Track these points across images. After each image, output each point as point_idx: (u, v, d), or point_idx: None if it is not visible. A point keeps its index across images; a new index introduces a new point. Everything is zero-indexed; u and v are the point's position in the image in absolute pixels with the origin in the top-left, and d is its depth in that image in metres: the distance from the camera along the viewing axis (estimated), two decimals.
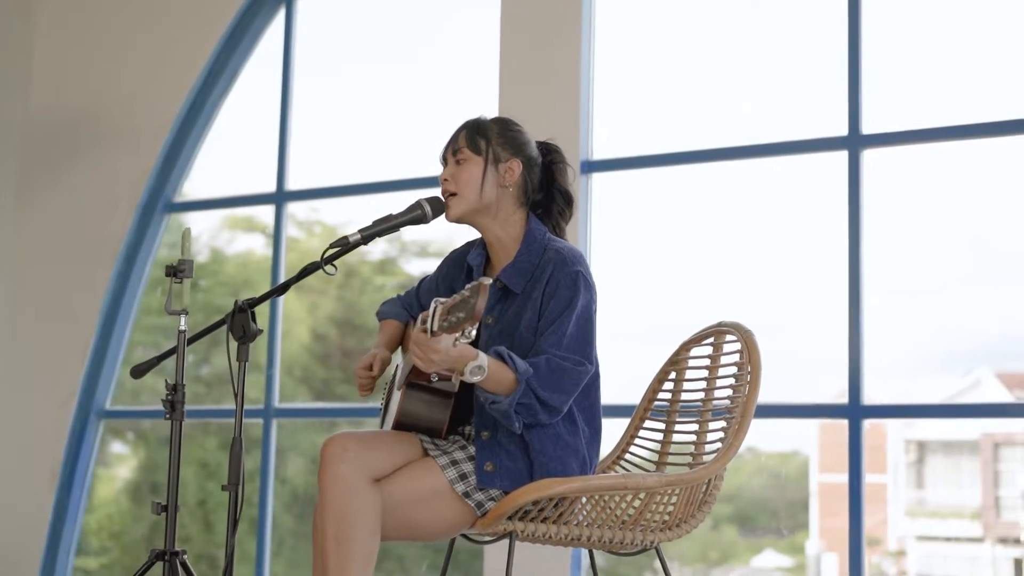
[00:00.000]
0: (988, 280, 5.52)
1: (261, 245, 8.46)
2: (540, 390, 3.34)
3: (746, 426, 3.61)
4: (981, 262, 5.42)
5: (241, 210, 6.97)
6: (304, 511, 8.21)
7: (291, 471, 8.53)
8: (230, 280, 8.18)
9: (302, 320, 8.60)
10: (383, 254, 8.57)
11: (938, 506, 11.63)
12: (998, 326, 5.28)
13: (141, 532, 8.32)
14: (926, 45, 5.21)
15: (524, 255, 3.57)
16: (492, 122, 3.67)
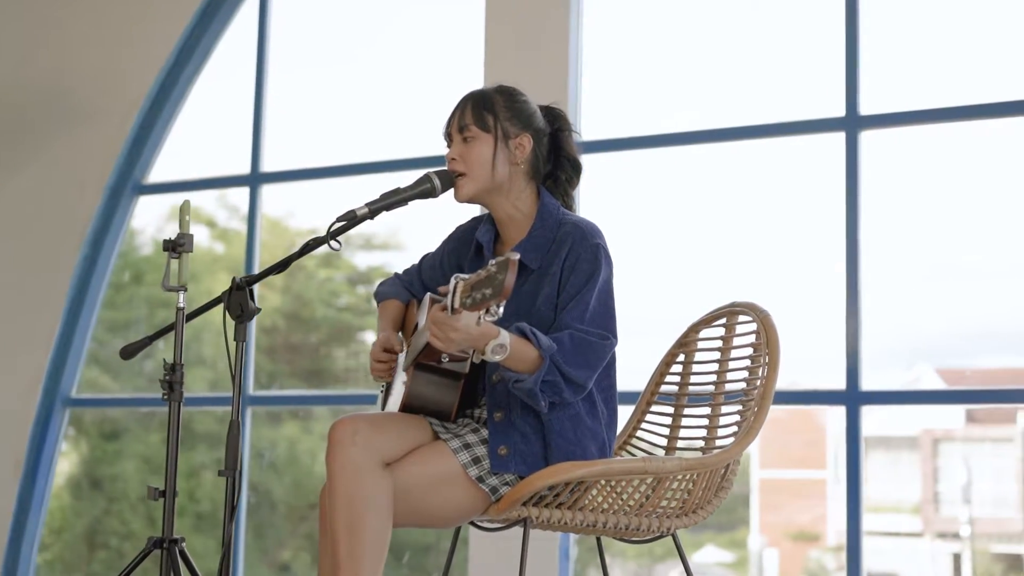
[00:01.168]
0: (933, 276, 5.43)
1: (206, 237, 8.69)
2: (565, 366, 3.22)
3: (766, 410, 3.50)
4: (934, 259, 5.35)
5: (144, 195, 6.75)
6: (249, 506, 8.02)
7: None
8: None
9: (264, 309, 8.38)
10: (328, 247, 8.44)
11: (878, 501, 11.69)
12: (943, 322, 5.19)
13: (82, 528, 8.15)
14: (925, 24, 5.14)
15: (539, 230, 3.44)
16: (497, 94, 3.53)
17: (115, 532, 8.20)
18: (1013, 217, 5.10)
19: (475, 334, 3.06)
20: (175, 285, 3.42)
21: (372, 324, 9.19)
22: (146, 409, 7.59)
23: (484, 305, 2.83)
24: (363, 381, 8.60)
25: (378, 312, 3.80)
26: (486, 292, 2.82)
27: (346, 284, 9.28)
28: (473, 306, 2.86)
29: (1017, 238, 5.09)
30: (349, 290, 9.36)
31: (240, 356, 3.45)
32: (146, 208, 6.96)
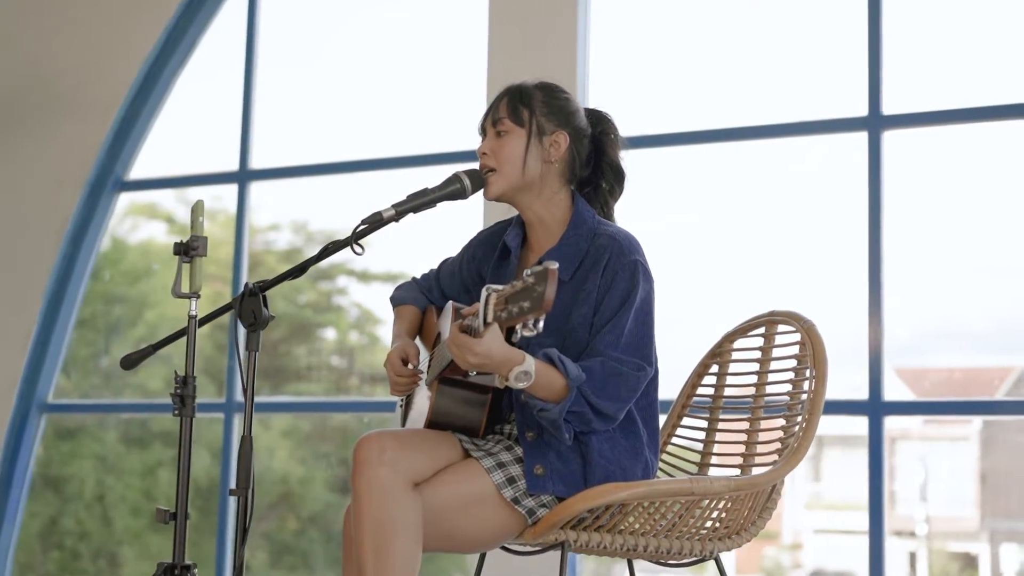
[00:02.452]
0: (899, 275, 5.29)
1: (163, 233, 8.25)
2: (593, 397, 3.02)
3: (814, 426, 3.30)
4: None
5: (143, 196, 6.57)
6: (207, 504, 7.62)
7: (194, 463, 8.12)
8: (132, 269, 7.84)
9: (201, 309, 8.06)
10: (288, 244, 8.26)
11: (834, 499, 11.70)
12: (900, 321, 5.04)
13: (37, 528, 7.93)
14: (950, 23, 5.01)
15: (571, 239, 3.23)
16: (536, 88, 3.33)
17: (70, 532, 7.90)
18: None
19: (498, 359, 2.86)
20: (187, 291, 3.17)
21: (332, 321, 9.02)
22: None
23: (520, 319, 2.60)
24: (324, 379, 8.41)
25: (394, 317, 3.58)
26: (524, 305, 2.59)
27: (307, 280, 8.68)
28: (508, 320, 2.63)
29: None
30: (310, 286, 8.83)
31: (252, 367, 3.22)
32: None
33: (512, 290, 2.63)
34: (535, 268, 2.57)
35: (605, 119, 3.40)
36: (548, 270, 2.55)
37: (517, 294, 2.61)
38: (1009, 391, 7.40)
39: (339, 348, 8.56)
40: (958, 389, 5.26)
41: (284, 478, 7.61)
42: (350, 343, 8.53)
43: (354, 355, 8.48)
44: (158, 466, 8.20)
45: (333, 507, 7.98)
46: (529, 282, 2.58)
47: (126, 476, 7.85)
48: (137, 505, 8.11)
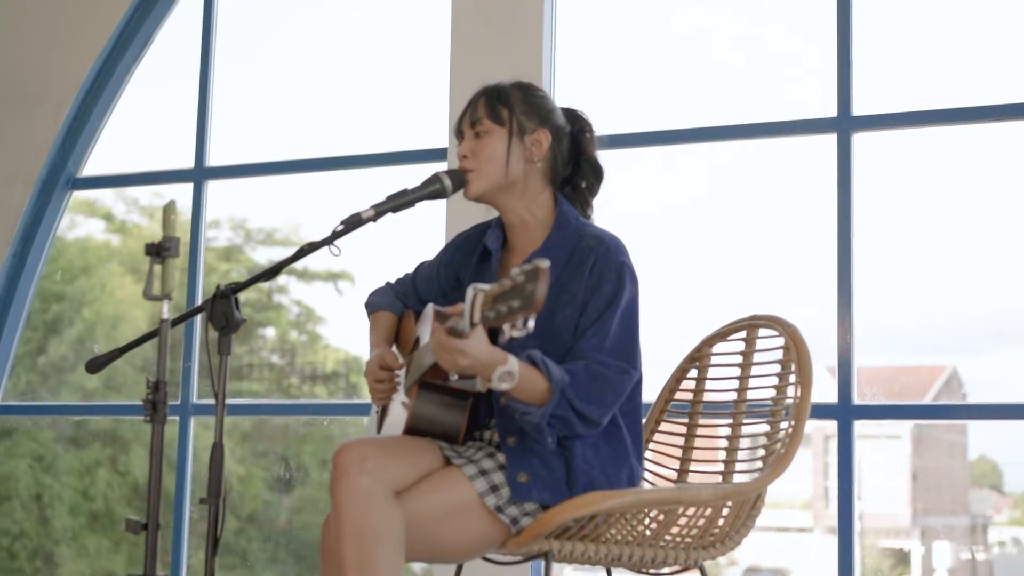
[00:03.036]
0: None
1: (100, 230, 8.34)
2: (577, 401, 2.96)
3: (800, 432, 3.25)
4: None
5: (82, 194, 6.38)
6: (144, 504, 7.68)
7: (133, 463, 8.27)
8: (69, 266, 7.83)
9: (140, 305, 8.26)
10: (228, 241, 8.23)
11: (769, 497, 11.84)
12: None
13: None
14: (922, 23, 4.97)
15: (555, 240, 3.18)
16: (513, 88, 3.28)
17: (6, 532, 7.84)
18: (1013, 220, 4.92)
19: (484, 359, 2.81)
20: (159, 294, 3.06)
21: (272, 320, 8.92)
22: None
23: (510, 319, 2.52)
24: (266, 380, 8.30)
25: (369, 325, 3.50)
26: (513, 304, 2.51)
27: (244, 279, 8.83)
28: (497, 320, 2.55)
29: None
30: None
31: (224, 372, 3.13)
32: None
33: (500, 289, 2.55)
34: (524, 266, 2.50)
35: (580, 117, 3.35)
36: (539, 268, 2.47)
37: (506, 293, 2.53)
38: (939, 391, 7.45)
39: (279, 346, 8.47)
40: (887, 388, 5.21)
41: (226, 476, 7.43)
42: (291, 341, 8.62)
43: (295, 353, 8.59)
44: (96, 466, 8.28)
45: (272, 506, 8.05)
46: (519, 280, 2.51)
47: (63, 476, 7.72)
48: (75, 504, 8.11)
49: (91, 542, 8.09)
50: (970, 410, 4.96)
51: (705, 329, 3.71)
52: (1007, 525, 9.25)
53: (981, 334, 5.58)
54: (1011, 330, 5.44)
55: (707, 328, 3.71)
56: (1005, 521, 9.24)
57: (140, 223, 8.57)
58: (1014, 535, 9.19)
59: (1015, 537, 9.19)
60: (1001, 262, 5.04)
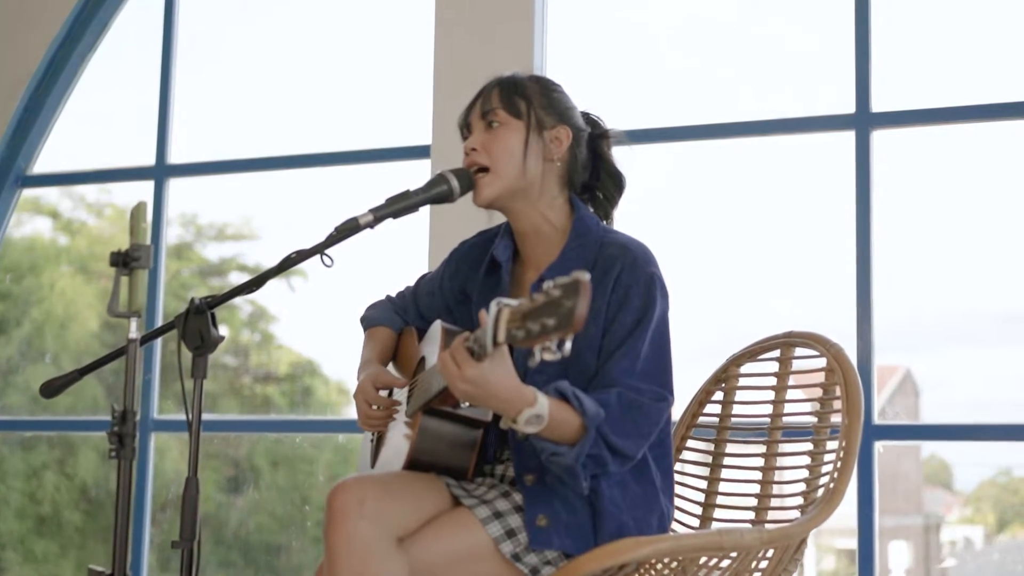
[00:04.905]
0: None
1: (48, 228, 8.01)
2: (612, 436, 2.60)
3: (851, 463, 2.89)
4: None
5: (28, 191, 6.00)
6: (92, 508, 7.74)
7: (81, 466, 7.94)
8: (14, 266, 7.46)
9: (91, 306, 7.96)
10: (178, 238, 7.99)
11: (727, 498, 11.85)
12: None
13: None
14: (942, 18, 4.77)
15: (574, 249, 2.82)
16: (529, 80, 2.91)
17: None
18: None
19: (507, 395, 2.44)
20: (126, 310, 2.67)
21: (224, 318, 8.66)
22: None
23: (542, 340, 2.16)
24: (218, 377, 7.99)
25: (364, 341, 3.12)
26: (547, 323, 2.15)
27: (197, 277, 8.68)
28: (527, 340, 2.19)
29: None
30: (200, 283, 8.76)
31: (198, 399, 2.75)
32: None
33: (532, 305, 2.19)
34: (561, 279, 2.15)
35: (598, 122, 3.03)
36: (579, 282, 2.13)
37: (538, 309, 2.18)
38: (895, 390, 7.26)
39: (232, 346, 8.21)
40: None
41: (174, 479, 7.16)
42: (243, 341, 8.29)
43: (248, 353, 8.23)
44: (43, 468, 7.93)
45: (223, 507, 7.72)
46: (554, 295, 2.15)
47: (9, 478, 7.51)
48: (21, 508, 7.81)
49: (38, 547, 7.76)
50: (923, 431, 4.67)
51: (720, 335, 3.36)
52: (958, 524, 9.31)
53: (933, 333, 5.39)
54: (964, 329, 5.38)
55: (722, 334, 3.36)
56: (956, 520, 9.30)
57: (86, 220, 8.26)
58: (966, 534, 9.28)
59: (967, 536, 9.28)
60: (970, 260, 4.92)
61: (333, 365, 8.00)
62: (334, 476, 7.65)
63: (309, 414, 8.15)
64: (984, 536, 9.33)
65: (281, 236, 6.14)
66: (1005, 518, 9.28)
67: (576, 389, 2.57)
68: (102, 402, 7.35)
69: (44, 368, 7.40)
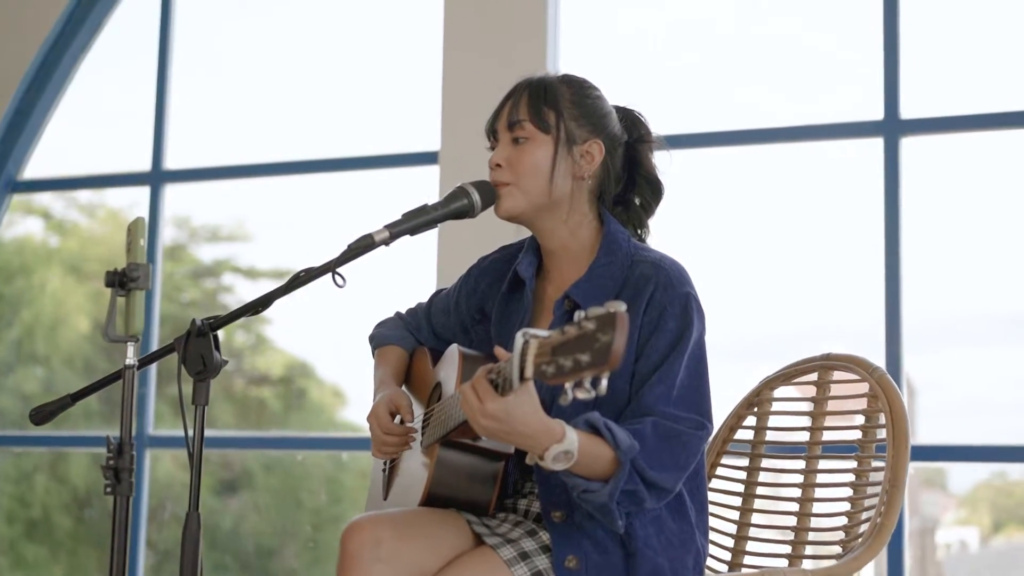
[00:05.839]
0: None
1: (40, 229, 8.04)
2: (649, 470, 2.42)
3: (899, 497, 2.70)
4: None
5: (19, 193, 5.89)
6: (83, 512, 7.76)
7: (72, 469, 7.98)
8: (5, 267, 7.52)
9: (81, 308, 8.03)
10: (172, 240, 7.96)
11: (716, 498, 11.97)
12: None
13: None
14: (972, 24, 4.72)
15: (603, 267, 2.63)
16: (562, 84, 2.70)
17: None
18: None
19: (533, 431, 2.27)
20: (123, 334, 2.48)
21: None
22: None
23: (574, 377, 1.99)
24: (212, 384, 7.88)
25: (375, 360, 2.95)
26: (580, 359, 1.98)
27: (190, 278, 8.64)
28: (557, 377, 2.01)
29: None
30: (193, 284, 8.74)
31: (201, 427, 2.56)
32: None
33: (563, 338, 2.02)
34: (595, 309, 1.99)
35: (640, 122, 2.81)
36: (616, 314, 1.96)
37: (570, 343, 2.00)
38: None
39: (225, 349, 8.15)
40: None
41: (167, 483, 7.30)
42: (236, 344, 8.26)
43: (241, 356, 8.21)
44: (34, 472, 7.95)
45: (216, 513, 7.76)
46: (588, 328, 1.98)
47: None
48: (12, 513, 7.81)
49: (28, 552, 7.79)
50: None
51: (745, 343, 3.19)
52: (954, 526, 9.13)
53: (927, 334, 5.34)
54: (960, 330, 5.30)
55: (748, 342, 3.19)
56: (951, 522, 9.11)
57: (79, 221, 8.26)
58: (961, 536, 9.15)
59: (962, 539, 9.15)
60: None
61: (327, 367, 7.94)
62: (328, 480, 7.54)
63: (303, 416, 8.05)
64: (979, 538, 9.29)
65: (276, 238, 6.02)
66: (1000, 520, 9.26)
67: (608, 420, 2.38)
68: (95, 407, 7.25)
69: (31, 369, 7.38)
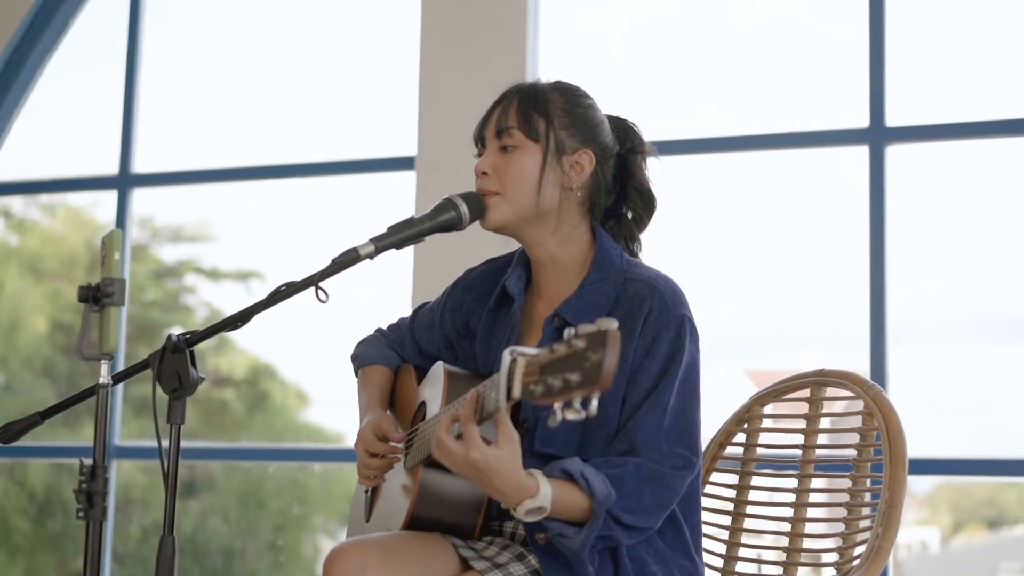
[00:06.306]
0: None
1: (0, 227, 7.99)
2: (625, 515, 2.37)
3: (896, 517, 2.64)
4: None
5: None
6: (42, 515, 7.79)
7: (31, 471, 8.01)
8: None
9: (39, 308, 8.03)
10: (133, 240, 7.75)
11: None
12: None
13: None
14: (957, 33, 4.72)
15: (595, 284, 2.55)
16: (554, 91, 2.62)
17: None
18: None
19: (507, 487, 2.25)
20: (97, 352, 2.37)
21: (180, 320, 8.47)
22: None
23: (564, 397, 1.93)
24: None
25: (358, 382, 2.87)
26: (570, 378, 1.92)
27: (151, 279, 8.56)
28: (546, 396, 1.95)
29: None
30: (155, 285, 8.65)
31: (176, 446, 2.47)
32: None
33: (552, 356, 1.95)
34: (585, 327, 1.93)
35: (634, 133, 2.72)
36: (607, 332, 1.90)
37: (560, 362, 1.94)
38: None
39: None
40: None
41: (127, 484, 7.33)
42: (199, 346, 8.08)
43: (204, 358, 8.12)
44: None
45: (177, 515, 7.51)
46: (578, 346, 1.92)
47: None
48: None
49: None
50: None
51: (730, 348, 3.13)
52: (914, 526, 9.46)
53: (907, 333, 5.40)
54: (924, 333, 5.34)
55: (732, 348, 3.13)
56: (912, 522, 9.39)
57: (39, 220, 8.20)
58: (922, 537, 9.43)
59: (923, 539, 9.43)
60: None
61: (291, 369, 7.89)
62: (290, 482, 7.47)
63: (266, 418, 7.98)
64: (940, 539, 9.35)
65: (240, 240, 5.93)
66: (960, 520, 9.32)
67: (586, 468, 2.33)
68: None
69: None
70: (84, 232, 7.77)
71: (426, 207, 2.57)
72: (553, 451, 2.42)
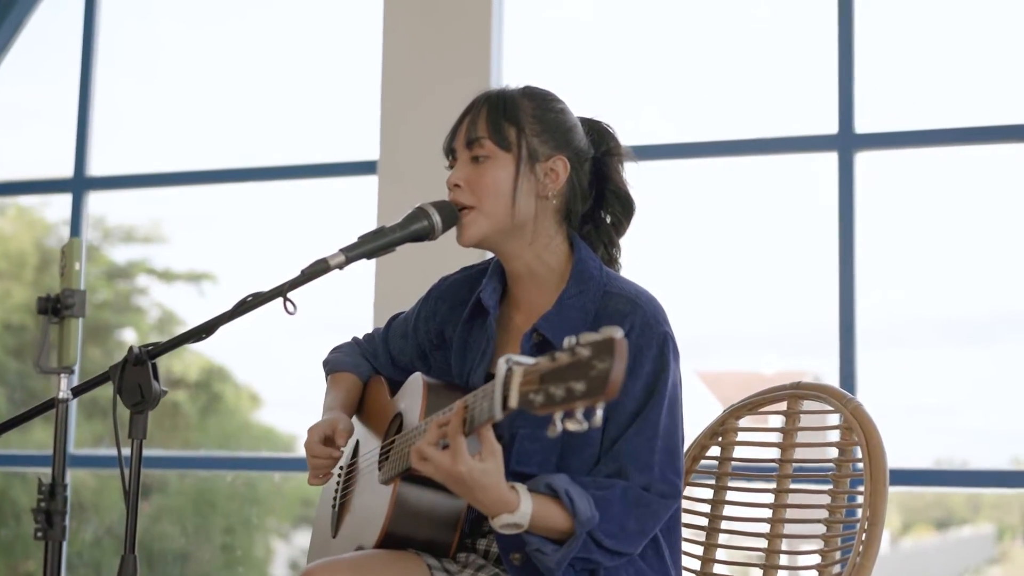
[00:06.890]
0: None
1: None
2: (607, 539, 2.31)
3: (877, 537, 2.57)
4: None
5: None
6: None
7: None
8: None
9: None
10: (85, 240, 7.68)
11: None
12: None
13: None
14: (927, 40, 4.71)
15: (573, 297, 2.47)
16: (523, 98, 2.53)
17: None
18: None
19: (488, 500, 2.19)
20: (56, 365, 2.29)
21: (132, 321, 8.38)
22: None
23: (567, 407, 1.87)
24: None
25: (327, 387, 2.80)
26: (574, 388, 1.85)
27: (103, 279, 8.40)
28: (546, 406, 1.88)
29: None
30: (107, 285, 8.50)
31: (138, 462, 2.39)
32: None
33: (553, 364, 1.89)
34: (588, 336, 1.86)
35: (608, 134, 2.64)
36: (614, 340, 1.83)
37: (562, 371, 1.88)
38: None
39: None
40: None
41: (77, 487, 7.11)
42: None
43: (157, 360, 7.99)
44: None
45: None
46: (583, 355, 1.86)
47: None
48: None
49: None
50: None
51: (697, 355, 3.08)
52: None
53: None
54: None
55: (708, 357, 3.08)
56: None
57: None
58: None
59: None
60: None
61: (244, 371, 7.81)
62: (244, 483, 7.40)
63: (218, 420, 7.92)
64: (889, 539, 9.36)
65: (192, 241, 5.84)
66: (909, 521, 9.33)
67: (572, 486, 2.26)
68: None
69: None
70: (34, 232, 7.70)
71: (389, 211, 2.51)
72: (529, 470, 2.35)
